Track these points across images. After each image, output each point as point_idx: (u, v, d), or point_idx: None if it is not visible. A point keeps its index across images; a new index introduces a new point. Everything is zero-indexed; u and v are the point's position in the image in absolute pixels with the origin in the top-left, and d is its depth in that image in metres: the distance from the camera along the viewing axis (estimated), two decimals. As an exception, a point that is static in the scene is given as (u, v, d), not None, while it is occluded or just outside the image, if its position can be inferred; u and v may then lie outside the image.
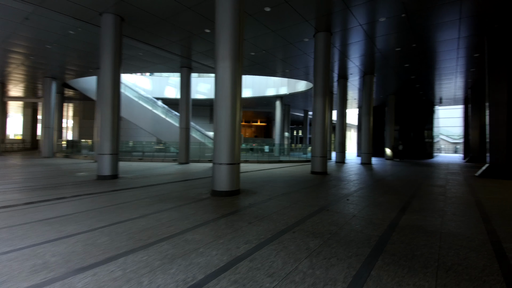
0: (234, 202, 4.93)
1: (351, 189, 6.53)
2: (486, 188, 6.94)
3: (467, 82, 17.36)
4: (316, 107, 9.86)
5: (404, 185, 7.42)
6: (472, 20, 8.46)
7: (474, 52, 11.47)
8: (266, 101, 24.71)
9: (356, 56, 12.35)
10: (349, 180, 8.29)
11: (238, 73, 5.54)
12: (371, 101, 15.85)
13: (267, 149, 20.70)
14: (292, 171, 10.65)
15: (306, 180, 8.00)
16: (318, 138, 9.81)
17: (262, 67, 14.31)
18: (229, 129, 5.43)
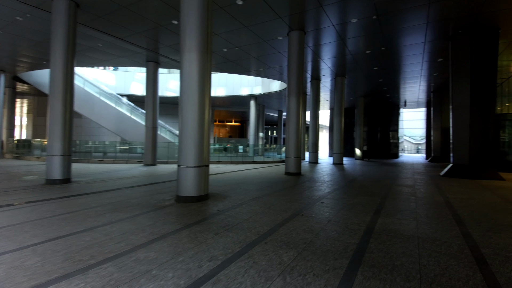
0: (201, 209, 4.44)
1: (325, 191, 6.36)
2: (452, 188, 7.16)
3: (430, 86, 18.44)
4: (290, 107, 9.66)
5: (376, 185, 7.43)
6: (438, 25, 8.80)
7: (438, 57, 12.07)
8: (240, 100, 24.29)
9: (328, 57, 12.41)
10: (323, 181, 8.16)
11: (207, 66, 5.06)
12: (342, 102, 16.14)
13: (241, 149, 20.31)
14: (266, 172, 10.35)
15: (280, 182, 7.72)
16: (292, 138, 9.61)
17: (235, 65, 13.87)
18: (196, 127, 4.94)
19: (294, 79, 9.54)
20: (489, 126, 9.05)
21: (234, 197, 5.40)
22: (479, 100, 9.13)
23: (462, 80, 9.45)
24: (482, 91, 9.12)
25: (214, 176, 9.00)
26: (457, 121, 9.62)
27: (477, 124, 9.14)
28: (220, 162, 14.61)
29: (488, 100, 9.09)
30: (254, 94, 21.81)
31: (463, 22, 8.59)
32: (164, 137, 16.46)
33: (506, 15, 8.00)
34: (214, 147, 20.58)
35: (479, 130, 9.12)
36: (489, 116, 9.06)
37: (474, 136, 9.17)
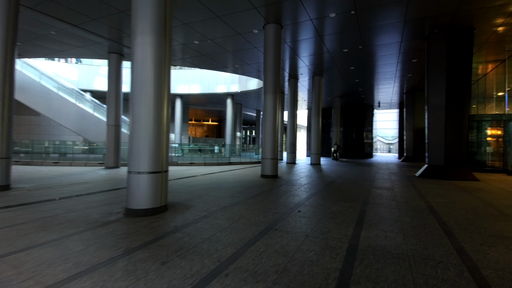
0: (154, 225, 3.67)
1: (303, 196, 5.81)
2: (431, 190, 6.95)
3: (403, 87, 18.82)
4: (266, 105, 9.06)
5: (355, 188, 7.05)
6: (415, 23, 8.64)
7: (412, 57, 12.11)
8: (216, 98, 23.38)
9: (306, 54, 12.00)
10: (300, 184, 7.65)
11: (164, 53, 4.28)
12: (319, 102, 15.89)
13: (217, 149, 19.48)
14: (240, 175, 9.67)
15: (255, 186, 7.08)
16: (269, 138, 9.03)
17: (210, 60, 13.04)
18: (151, 126, 4.14)
19: (271, 76, 8.96)
20: (464, 127, 9.09)
21: (199, 207, 4.66)
22: (455, 100, 9.14)
23: (437, 81, 9.43)
24: (457, 91, 9.13)
25: (182, 180, 8.17)
26: (432, 122, 9.58)
27: (452, 125, 9.14)
28: (192, 164, 13.70)
29: (463, 101, 9.12)
30: (231, 92, 21.04)
31: (440, 21, 8.51)
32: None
33: (481, 15, 7.99)
34: (189, 147, 19.55)
35: (454, 131, 9.13)
36: (464, 117, 9.09)
37: (449, 137, 9.17)
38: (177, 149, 17.77)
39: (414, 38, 9.88)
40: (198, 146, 19.82)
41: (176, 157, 15.87)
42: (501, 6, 7.44)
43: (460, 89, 9.14)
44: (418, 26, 8.93)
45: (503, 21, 8.23)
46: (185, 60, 13.15)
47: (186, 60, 13.24)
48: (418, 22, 8.58)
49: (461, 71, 9.13)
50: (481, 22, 8.45)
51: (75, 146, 15.30)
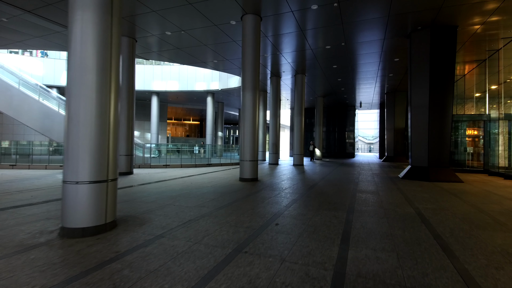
0: (91, 250, 2.89)
1: (283, 204, 5.21)
2: (417, 194, 6.58)
3: (384, 87, 18.83)
4: (245, 103, 8.40)
5: (338, 193, 6.54)
6: (399, 19, 8.31)
7: (395, 56, 11.90)
8: (196, 96, 22.41)
9: (288, 51, 11.46)
10: (281, 188, 7.05)
11: (111, 33, 3.50)
12: (302, 101, 15.46)
13: (196, 150, 18.58)
14: (217, 178, 8.94)
15: (230, 192, 6.40)
16: (248, 139, 8.37)
17: (187, 55, 12.19)
18: (93, 123, 3.35)
19: (250, 71, 8.30)
20: (448, 127, 8.89)
21: (157, 222, 3.91)
22: (438, 100, 8.92)
23: (421, 80, 9.18)
24: (441, 90, 8.92)
25: (149, 186, 7.34)
26: (415, 122, 9.33)
27: (436, 125, 8.92)
28: (167, 166, 12.78)
29: (447, 100, 8.92)
30: (211, 90, 20.17)
31: (423, 17, 8.22)
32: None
33: (465, 11, 7.76)
34: (166, 148, 18.50)
35: (438, 131, 8.91)
36: (447, 116, 8.89)
37: (433, 137, 8.94)
38: (153, 149, 16.71)
39: (397, 35, 9.59)
40: (176, 146, 18.80)
41: (151, 158, 14.87)
42: (484, 3, 7.22)
43: (444, 88, 8.94)
44: (401, 23, 8.62)
45: (485, 19, 8.07)
46: (160, 54, 12.21)
47: (161, 55, 12.30)
48: (401, 17, 8.25)
49: (444, 70, 8.93)
50: (464, 20, 8.25)
51: (36, 147, 13.89)
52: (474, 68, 12.66)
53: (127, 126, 10.21)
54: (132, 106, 10.37)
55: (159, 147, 17.80)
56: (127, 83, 10.25)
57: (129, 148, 10.26)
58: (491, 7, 7.42)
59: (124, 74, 10.22)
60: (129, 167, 10.26)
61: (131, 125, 10.36)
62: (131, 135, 10.36)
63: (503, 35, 9.33)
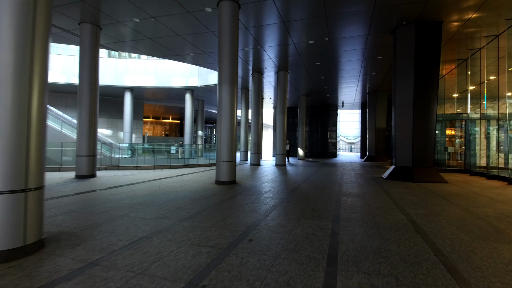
0: (-14, 289, 2.06)
1: (260, 211, 4.54)
2: (404, 197, 6.17)
3: (366, 87, 18.75)
4: (222, 98, 7.65)
5: (322, 196, 5.99)
6: (384, 12, 7.91)
7: (378, 53, 11.63)
8: (174, 93, 21.29)
9: (270, 45, 10.83)
10: (260, 192, 6.39)
11: (35, 14, 2.66)
12: (285, 99, 14.94)
13: (174, 150, 17.55)
14: (191, 181, 8.14)
15: (202, 198, 5.65)
16: (226, 137, 7.63)
17: (160, 47, 11.23)
18: (7, 120, 2.50)
19: (227, 62, 7.57)
20: (432, 126, 8.64)
21: (98, 241, 3.10)
22: (423, 98, 8.65)
23: (405, 77, 8.88)
24: (425, 89, 8.65)
25: (109, 191, 6.42)
26: (400, 121, 9.03)
27: (420, 124, 8.64)
28: (138, 167, 11.76)
29: (431, 99, 8.66)
30: (190, 87, 19.17)
31: (408, 11, 7.89)
32: (65, 133, 12.68)
33: (450, 6, 7.48)
34: (140, 147, 17.31)
35: (423, 130, 8.64)
36: (432, 115, 8.64)
37: (418, 137, 8.66)
38: (125, 149, 15.52)
39: (381, 30, 9.24)
40: (152, 146, 17.64)
41: (122, 159, 13.73)
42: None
43: (429, 86, 8.68)
44: (386, 17, 8.24)
45: (470, 15, 7.86)
46: (131, 45, 11.16)
47: (132, 46, 11.25)
48: (386, 11, 7.86)
49: (429, 67, 8.67)
50: (450, 15, 8.00)
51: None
52: (455, 68, 12.69)
53: (89, 124, 9.14)
54: (95, 101, 9.30)
55: (132, 146, 16.60)
56: (90, 76, 9.16)
57: (91, 148, 9.19)
58: (476, 2, 7.18)
59: (85, 66, 9.13)
60: (91, 169, 9.19)
61: (94, 122, 9.29)
62: (93, 133, 9.29)
63: (487, 33, 9.23)
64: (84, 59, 9.20)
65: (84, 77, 9.18)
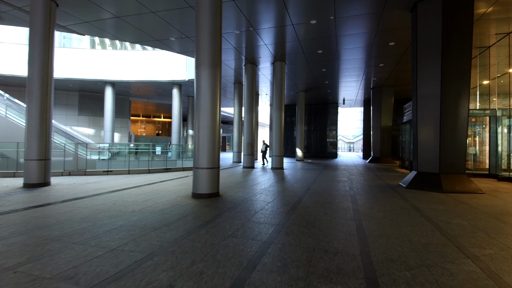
0: None
1: (244, 259, 2.82)
2: (448, 220, 4.51)
3: (371, 81, 17.10)
4: (200, 85, 5.91)
5: (334, 221, 4.29)
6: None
7: (391, 39, 9.95)
8: (161, 88, 19.47)
9: (265, 26, 9.10)
10: (248, 212, 4.67)
11: None
12: (282, 94, 13.22)
13: (159, 151, 15.74)
14: (162, 193, 6.39)
15: (161, 226, 3.91)
16: (205, 137, 5.89)
17: (132, 28, 9.44)
18: None
19: (207, 40, 5.83)
20: (464, 123, 6.99)
21: None
22: (453, 88, 6.99)
23: (430, 63, 7.21)
24: (455, 77, 6.99)
25: (37, 211, 4.67)
26: (422, 117, 7.37)
27: (450, 120, 6.99)
28: (109, 172, 9.98)
29: (463, 89, 7.00)
30: (177, 81, 17.36)
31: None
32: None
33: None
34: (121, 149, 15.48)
35: (452, 127, 6.98)
36: (463, 109, 6.98)
37: (446, 136, 7.00)
38: (102, 151, 13.71)
39: (398, 6, 7.60)
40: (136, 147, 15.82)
41: (100, 161, 11.95)
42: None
43: (459, 74, 7.02)
44: (411, -16, 6.58)
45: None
46: (97, 27, 9.36)
47: (99, 28, 9.45)
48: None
49: (460, 51, 7.00)
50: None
51: None
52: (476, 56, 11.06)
53: (40, 120, 7.36)
54: (47, 93, 7.51)
55: (113, 147, 14.78)
56: (41, 62, 7.38)
57: (43, 151, 7.41)
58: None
59: (36, 49, 7.36)
60: (44, 176, 7.41)
61: (47, 119, 7.51)
62: (46, 132, 7.51)
63: None
64: (35, 41, 7.42)
65: (35, 63, 7.40)
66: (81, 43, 19.94)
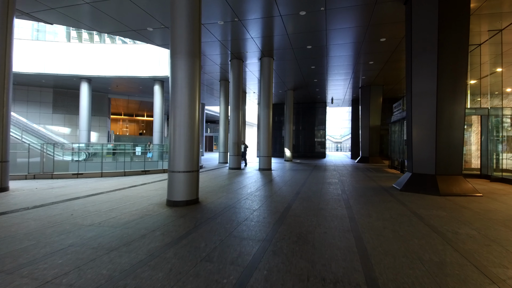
0: None
1: (225, 279, 2.17)
2: (455, 230, 4.05)
3: (360, 80, 16.82)
4: (175, 77, 5.18)
5: (329, 234, 3.71)
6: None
7: (382, 34, 9.55)
8: (141, 85, 18.44)
9: (251, 17, 8.46)
10: (230, 223, 4.02)
11: None
12: (270, 91, 12.63)
13: (139, 152, 14.80)
14: (132, 200, 5.62)
15: (121, 245, 3.20)
16: (182, 136, 5.18)
17: (106, 17, 8.56)
18: None
19: (184, 25, 5.12)
20: (461, 121, 6.62)
21: None
22: (449, 84, 6.60)
23: (425, 58, 6.80)
24: (452, 73, 6.61)
25: (-26, 226, 3.83)
26: (418, 115, 6.96)
27: (446, 118, 6.60)
28: (79, 176, 9.05)
29: (459, 85, 6.63)
30: (158, 77, 16.42)
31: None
32: None
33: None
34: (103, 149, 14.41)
35: (448, 126, 6.60)
36: (460, 107, 6.61)
37: (443, 135, 6.61)
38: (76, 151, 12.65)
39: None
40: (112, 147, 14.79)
41: (74, 163, 10.94)
42: None
43: (456, 70, 6.65)
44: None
45: None
46: (60, 13, 8.41)
47: (67, 15, 8.50)
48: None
49: (457, 44, 6.63)
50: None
51: None
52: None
53: (-8, 116, 6.40)
54: (4, 86, 6.56)
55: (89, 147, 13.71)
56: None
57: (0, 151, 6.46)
58: None
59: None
60: (1, 180, 6.46)
61: (3, 116, 6.55)
62: (3, 131, 6.56)
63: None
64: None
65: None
66: (56, 36, 18.61)
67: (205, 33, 9.58)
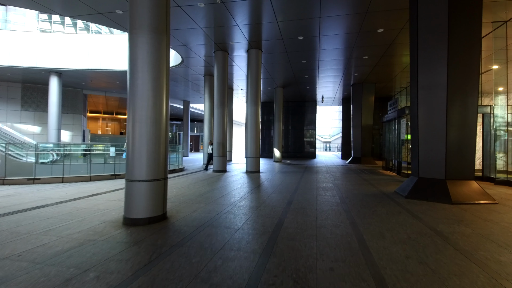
0: None
1: None
2: (485, 253, 3.14)
3: (352, 76, 16.08)
4: (135, 57, 4.07)
5: (333, 266, 2.75)
6: None
7: (380, 25, 8.71)
8: (119, 80, 16.97)
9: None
10: (204, 249, 2.97)
11: None
12: (258, 86, 11.62)
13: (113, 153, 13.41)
14: (83, 215, 4.46)
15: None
16: (144, 134, 4.08)
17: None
18: None
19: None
20: (474, 119, 5.83)
21: None
22: (461, 77, 5.80)
23: (433, 48, 5.97)
24: (464, 64, 5.81)
25: None
26: (425, 111, 6.12)
27: (457, 115, 5.79)
28: (35, 180, 7.73)
29: (472, 78, 5.83)
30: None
31: None
32: None
33: None
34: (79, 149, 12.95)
35: (460, 124, 5.80)
36: (473, 102, 5.82)
37: (454, 134, 5.80)
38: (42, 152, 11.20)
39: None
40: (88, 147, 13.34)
41: (39, 165, 9.53)
42: None
43: (468, 61, 5.85)
44: None
45: None
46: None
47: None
48: None
49: (469, 34, 5.83)
50: None
51: None
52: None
53: None
54: None
55: (53, 148, 12.26)
56: None
57: None
58: None
59: None
60: None
61: None
62: None
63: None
64: None
65: None
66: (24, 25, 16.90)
67: (184, 17, 8.45)
